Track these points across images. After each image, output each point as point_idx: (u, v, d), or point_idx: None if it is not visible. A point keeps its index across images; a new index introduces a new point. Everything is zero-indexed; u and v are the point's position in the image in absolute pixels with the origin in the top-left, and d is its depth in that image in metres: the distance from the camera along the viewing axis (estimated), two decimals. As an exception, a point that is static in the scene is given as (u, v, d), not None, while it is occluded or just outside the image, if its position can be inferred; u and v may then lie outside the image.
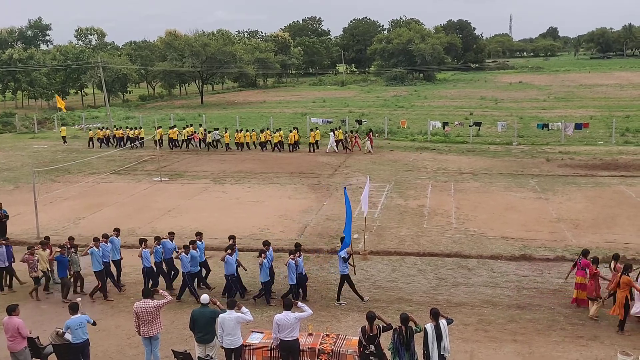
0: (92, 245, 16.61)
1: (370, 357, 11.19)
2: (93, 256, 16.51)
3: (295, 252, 15.93)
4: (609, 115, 50.98)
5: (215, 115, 63.55)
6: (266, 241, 16.57)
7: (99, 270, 16.61)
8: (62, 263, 16.68)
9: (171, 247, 17.20)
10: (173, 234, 17.89)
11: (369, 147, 38.99)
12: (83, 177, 33.31)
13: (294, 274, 15.65)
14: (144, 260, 16.60)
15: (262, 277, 15.82)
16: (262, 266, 15.61)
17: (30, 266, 16.81)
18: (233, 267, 16.02)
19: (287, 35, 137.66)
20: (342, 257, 15.81)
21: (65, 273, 16.70)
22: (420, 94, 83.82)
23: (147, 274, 16.72)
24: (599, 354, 12.92)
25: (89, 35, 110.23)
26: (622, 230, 21.42)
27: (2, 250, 17.52)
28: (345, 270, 15.85)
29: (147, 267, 16.67)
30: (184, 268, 16.14)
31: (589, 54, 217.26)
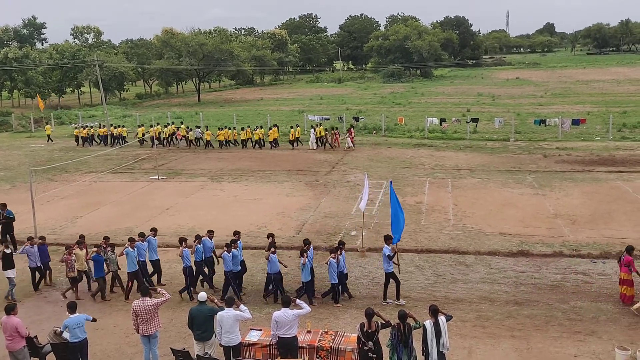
0: (128, 245, 16.38)
1: (369, 354, 11.21)
2: (128, 256, 16.26)
3: (337, 250, 15.69)
4: (606, 111, 51.07)
5: (212, 113, 63.49)
6: (306, 240, 16.36)
7: (134, 271, 16.38)
8: (99, 263, 16.43)
9: (210, 246, 16.95)
10: (212, 232, 17.55)
11: (349, 143, 39.20)
12: (80, 176, 33.26)
13: (335, 272, 15.44)
14: (184, 259, 16.28)
15: (303, 277, 15.54)
16: (305, 266, 15.36)
17: (68, 266, 16.56)
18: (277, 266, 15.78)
19: (284, 33, 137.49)
20: (386, 255, 15.53)
21: (102, 273, 16.43)
22: (418, 91, 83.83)
23: (187, 273, 16.38)
24: (597, 349, 12.96)
25: (85, 33, 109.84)
26: (619, 226, 21.46)
27: (34, 250, 17.19)
28: (390, 269, 15.60)
29: (187, 267, 16.32)
30: (226, 267, 15.91)
31: (585, 50, 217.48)
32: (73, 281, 16.66)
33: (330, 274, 15.56)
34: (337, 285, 15.62)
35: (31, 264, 17.20)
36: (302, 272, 15.56)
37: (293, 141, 40.41)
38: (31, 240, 17.28)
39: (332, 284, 15.60)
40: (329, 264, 15.47)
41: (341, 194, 27.25)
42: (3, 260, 16.65)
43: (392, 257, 15.60)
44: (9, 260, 16.67)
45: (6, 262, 16.62)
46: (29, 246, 17.11)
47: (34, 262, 17.18)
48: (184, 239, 16.67)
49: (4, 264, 16.66)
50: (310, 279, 15.67)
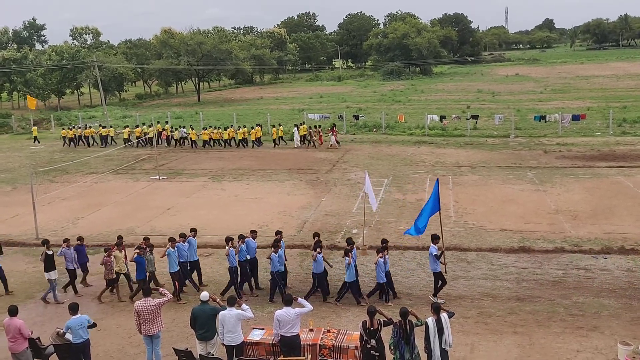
0: (169, 245, 16.24)
1: (372, 352, 11.22)
2: (170, 257, 16.12)
3: (383, 250, 15.54)
4: (606, 106, 51.01)
5: (212, 112, 63.47)
6: (350, 239, 16.32)
7: (176, 271, 16.24)
8: (141, 264, 16.25)
9: (254, 246, 16.81)
10: (255, 232, 17.48)
11: (333, 141, 39.37)
12: (81, 177, 33.27)
13: (382, 272, 15.32)
14: (230, 259, 16.08)
15: (348, 277, 15.40)
16: (350, 266, 15.23)
17: (107, 268, 16.44)
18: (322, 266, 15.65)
19: (282, 32, 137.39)
20: (433, 254, 15.36)
21: (143, 275, 16.30)
22: (417, 88, 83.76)
23: (233, 273, 16.24)
24: (599, 344, 12.97)
25: (84, 34, 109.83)
26: (620, 221, 21.46)
27: (71, 252, 17.05)
28: (437, 268, 15.46)
29: (233, 267, 16.15)
30: (273, 267, 15.79)
31: (585, 45, 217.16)
32: (110, 283, 16.55)
33: (378, 273, 15.38)
34: (385, 284, 15.47)
35: (68, 266, 17.06)
36: (346, 271, 15.43)
37: (275, 140, 40.58)
38: (67, 242, 17.13)
39: (380, 283, 15.46)
40: (377, 263, 15.27)
41: (342, 192, 27.25)
42: (45, 262, 16.54)
43: (439, 256, 15.44)
44: (51, 261, 16.58)
45: (48, 263, 16.52)
46: (65, 248, 16.97)
47: (71, 264, 17.06)
48: (231, 238, 16.32)
49: (46, 265, 16.55)
50: (355, 279, 15.54)
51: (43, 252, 16.63)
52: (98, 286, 17.26)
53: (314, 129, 40.78)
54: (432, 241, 15.74)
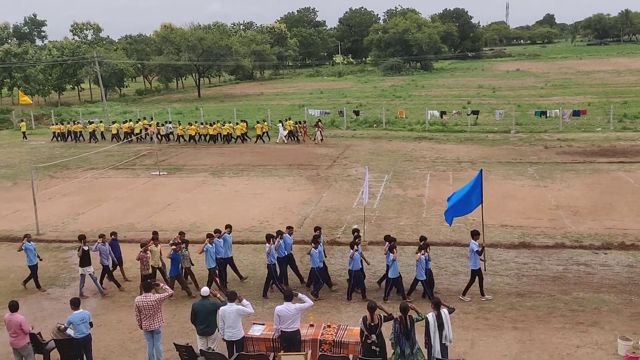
0: (207, 241, 16.11)
1: (372, 347, 11.24)
2: (208, 253, 16.00)
3: (425, 247, 15.37)
4: (606, 102, 50.96)
5: (212, 108, 63.45)
6: (389, 236, 16.19)
7: (213, 268, 16.12)
8: (176, 261, 16.14)
9: (290, 242, 16.70)
10: (292, 228, 17.38)
11: (319, 136, 39.61)
12: (81, 172, 33.28)
13: (423, 269, 15.18)
14: (269, 256, 15.89)
15: (391, 274, 15.25)
16: (394, 262, 15.11)
17: (143, 263, 16.31)
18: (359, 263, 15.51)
19: (283, 27, 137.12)
20: (474, 250, 15.13)
21: (178, 271, 16.21)
22: (418, 84, 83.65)
23: (273, 271, 16.02)
24: (599, 340, 12.98)
25: (85, 30, 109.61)
26: (620, 217, 21.46)
27: (105, 247, 16.97)
28: (477, 265, 15.23)
29: (272, 264, 15.98)
30: (313, 263, 15.71)
31: (586, 41, 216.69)
32: (145, 278, 16.17)
33: (418, 270, 15.20)
34: (424, 282, 15.30)
35: (103, 261, 17.01)
36: (390, 268, 15.29)
37: (260, 136, 40.76)
38: (103, 238, 17.06)
39: (420, 280, 15.27)
40: (419, 260, 15.07)
41: (342, 187, 27.25)
42: (82, 257, 16.50)
43: (480, 252, 15.27)
44: (87, 257, 16.54)
45: (84, 259, 16.48)
46: (100, 243, 16.92)
47: (106, 259, 17.02)
48: (272, 235, 16.13)
49: (81, 261, 16.52)
50: (399, 275, 15.41)
51: (79, 248, 16.53)
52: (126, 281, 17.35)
53: (298, 124, 41.06)
54: (472, 237, 15.49)
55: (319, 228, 17.02)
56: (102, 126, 46.19)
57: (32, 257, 17.00)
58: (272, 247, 15.79)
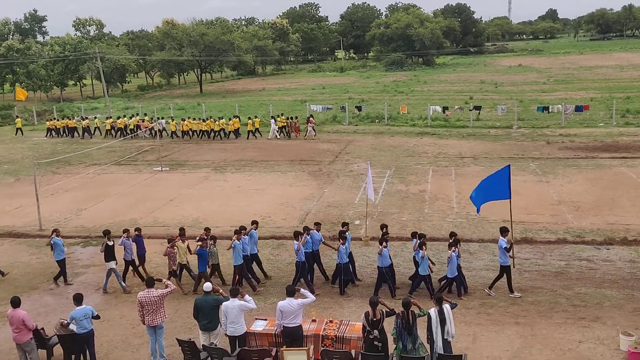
0: (235, 238, 15.97)
1: (374, 342, 11.26)
2: (235, 250, 15.87)
3: (455, 244, 15.30)
4: (609, 97, 50.81)
5: (214, 103, 63.43)
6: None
7: (240, 264, 16.01)
8: (203, 257, 16.02)
9: (318, 238, 16.61)
10: (319, 224, 17.26)
11: (311, 131, 39.80)
12: (84, 168, 33.32)
13: (454, 266, 15.09)
14: (298, 254, 15.75)
15: (421, 271, 15.18)
16: (424, 259, 15.04)
17: (171, 259, 16.29)
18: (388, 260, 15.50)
19: (285, 22, 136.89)
20: (503, 247, 15.06)
21: (205, 267, 16.06)
22: (420, 79, 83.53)
23: (301, 268, 15.90)
24: (601, 335, 12.99)
25: (87, 25, 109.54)
26: (623, 212, 21.44)
27: (130, 242, 16.91)
28: (506, 262, 15.15)
29: (301, 261, 15.80)
30: (340, 259, 15.60)
31: (588, 36, 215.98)
32: (173, 274, 16.38)
33: (450, 268, 15.13)
34: (455, 279, 15.22)
35: (126, 257, 16.94)
36: (420, 265, 15.16)
37: (252, 131, 40.93)
38: (127, 232, 16.99)
39: (450, 277, 15.18)
40: (451, 258, 15.02)
41: (344, 183, 27.25)
42: (106, 252, 16.48)
43: (509, 249, 15.18)
44: (111, 252, 16.52)
45: (108, 254, 16.46)
46: (125, 238, 16.86)
47: (129, 255, 16.95)
48: (300, 232, 16.03)
49: (106, 256, 16.51)
50: (429, 273, 15.28)
51: (104, 243, 16.49)
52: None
53: (290, 120, 41.16)
54: (501, 234, 15.38)
55: (346, 224, 16.95)
56: (97, 122, 46.62)
57: (60, 252, 16.96)
58: (300, 245, 15.61)
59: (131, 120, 44.80)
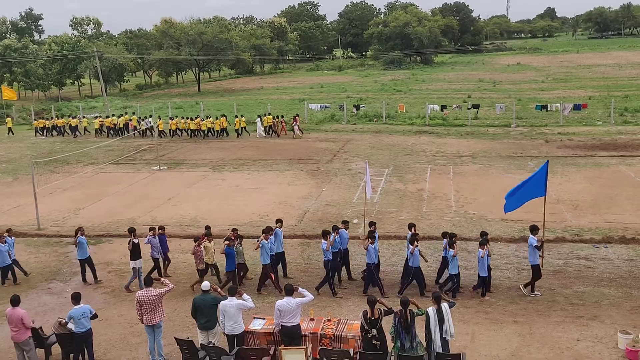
0: (263, 237, 15.89)
1: (373, 341, 11.26)
2: (263, 249, 15.77)
3: (485, 243, 15.04)
4: (607, 96, 50.85)
5: (212, 102, 63.36)
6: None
7: (268, 263, 15.90)
8: (231, 256, 15.91)
9: (346, 237, 16.52)
10: (347, 222, 17.10)
11: (297, 130, 40.10)
12: (82, 167, 33.28)
13: (485, 266, 14.96)
14: (326, 253, 15.52)
15: (452, 270, 15.10)
16: (455, 258, 14.97)
17: (198, 258, 16.20)
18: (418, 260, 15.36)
19: (283, 21, 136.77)
20: (533, 245, 14.89)
21: (233, 266, 16.01)
22: (418, 78, 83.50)
23: (330, 267, 15.69)
24: (599, 333, 13.01)
25: (84, 24, 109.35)
26: (621, 210, 21.46)
27: (157, 240, 16.81)
28: (536, 261, 15.01)
29: (330, 260, 15.60)
30: (369, 259, 15.56)
31: (587, 34, 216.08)
32: (201, 274, 16.28)
33: (482, 267, 14.99)
34: (486, 279, 15.09)
35: (153, 254, 16.87)
36: (450, 263, 15.06)
37: (238, 130, 41.16)
38: (154, 230, 16.92)
39: (483, 277, 15.03)
40: (482, 257, 14.85)
41: (343, 182, 27.25)
42: (132, 251, 16.37)
43: (540, 247, 15.07)
44: (137, 250, 16.44)
45: (134, 252, 16.38)
46: (151, 236, 16.78)
47: (156, 253, 16.88)
48: (328, 231, 15.82)
49: (132, 254, 16.41)
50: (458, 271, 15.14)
51: (130, 240, 16.37)
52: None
53: (276, 119, 41.40)
54: (531, 232, 15.27)
55: (373, 223, 16.84)
56: (85, 121, 46.94)
57: (84, 251, 16.95)
58: (329, 244, 15.45)
59: (120, 119, 45.17)
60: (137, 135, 42.89)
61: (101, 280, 17.23)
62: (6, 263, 17.14)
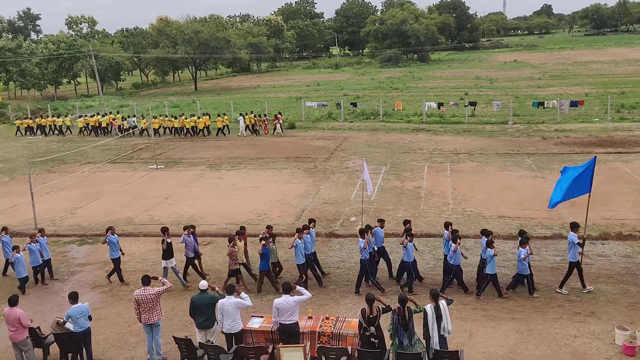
0: (296, 237, 15.81)
1: (371, 339, 11.27)
2: (297, 248, 15.70)
3: (526, 241, 14.95)
4: (604, 92, 50.97)
5: (209, 101, 63.32)
6: (486, 230, 15.81)
7: (302, 263, 15.79)
8: (266, 256, 15.83)
9: (382, 235, 16.43)
10: (383, 221, 16.98)
11: (278, 129, 40.33)
12: (79, 166, 33.22)
13: (526, 264, 14.84)
14: (363, 251, 15.45)
15: (489, 269, 14.90)
16: (492, 258, 14.75)
17: (232, 258, 15.97)
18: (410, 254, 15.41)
19: (279, 19, 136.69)
20: (575, 242, 14.74)
21: (268, 266, 15.92)
22: (415, 75, 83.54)
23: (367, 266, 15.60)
24: (597, 330, 13.05)
25: (79, 23, 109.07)
26: (618, 207, 21.50)
27: (191, 239, 16.74)
28: (575, 258, 14.87)
29: (365, 259, 15.53)
30: (408, 258, 15.42)
31: (583, 31, 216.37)
32: (234, 273, 16.11)
33: (523, 266, 14.87)
34: (529, 276, 14.99)
35: (188, 254, 16.75)
36: (488, 263, 14.85)
37: (220, 129, 41.35)
38: (188, 229, 16.78)
39: (524, 274, 14.93)
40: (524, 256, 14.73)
41: (340, 180, 27.25)
42: (165, 250, 16.26)
43: (582, 244, 14.94)
44: (170, 249, 16.36)
45: (167, 251, 16.30)
46: (186, 235, 16.64)
47: (191, 252, 16.75)
48: (365, 230, 15.71)
49: (164, 253, 16.31)
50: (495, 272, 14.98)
51: (163, 240, 16.27)
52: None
53: (258, 118, 41.62)
54: (571, 229, 15.12)
55: (408, 221, 16.78)
56: (68, 120, 47.25)
57: (115, 250, 16.89)
58: (366, 243, 15.36)
59: (104, 118, 45.31)
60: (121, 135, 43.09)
61: (129, 282, 16.98)
62: (38, 263, 17.00)
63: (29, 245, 16.84)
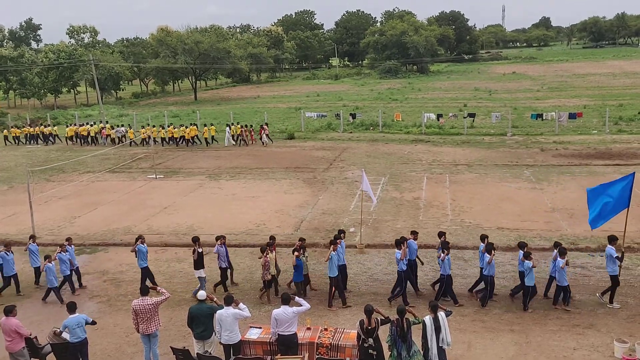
0: (331, 249, 15.61)
1: (369, 350, 11.24)
2: (331, 261, 15.45)
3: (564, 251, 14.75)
4: (602, 104, 51.13)
5: (209, 111, 63.42)
6: (523, 242, 15.68)
7: (335, 276, 15.52)
8: (300, 267, 15.78)
9: (415, 247, 16.21)
10: (416, 233, 16.72)
11: (265, 139, 40.55)
12: (77, 176, 33.20)
13: (564, 275, 14.65)
14: (400, 263, 15.28)
15: (528, 281, 14.65)
16: (531, 270, 14.54)
17: (266, 269, 15.85)
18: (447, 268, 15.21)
19: (280, 30, 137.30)
20: (614, 256, 14.65)
21: (301, 277, 15.87)
22: (414, 86, 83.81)
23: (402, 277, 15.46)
24: (595, 342, 13.02)
25: (81, 33, 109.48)
26: (616, 219, 21.36)
27: (223, 250, 16.56)
28: (615, 271, 14.71)
29: (403, 271, 15.35)
30: (445, 270, 15.17)
31: (581, 43, 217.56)
32: (267, 285, 16.00)
33: (560, 276, 14.67)
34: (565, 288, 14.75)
35: (220, 264, 16.63)
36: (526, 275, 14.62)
37: (207, 139, 41.72)
38: (220, 240, 16.62)
39: (563, 286, 14.70)
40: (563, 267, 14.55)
41: (339, 190, 27.26)
42: (196, 260, 16.18)
43: (621, 258, 14.83)
44: (201, 259, 16.28)
45: (199, 261, 16.21)
46: (219, 245, 16.52)
47: (223, 262, 16.63)
48: (401, 241, 15.47)
49: (196, 264, 16.24)
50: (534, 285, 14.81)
51: (194, 250, 16.21)
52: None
53: (244, 128, 41.80)
54: (609, 242, 15.00)
55: (443, 233, 16.57)
56: (56, 129, 47.56)
57: (143, 260, 16.81)
58: (402, 254, 15.20)
59: (92, 127, 45.39)
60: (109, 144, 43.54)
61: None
62: (66, 273, 16.97)
63: (59, 255, 16.88)
